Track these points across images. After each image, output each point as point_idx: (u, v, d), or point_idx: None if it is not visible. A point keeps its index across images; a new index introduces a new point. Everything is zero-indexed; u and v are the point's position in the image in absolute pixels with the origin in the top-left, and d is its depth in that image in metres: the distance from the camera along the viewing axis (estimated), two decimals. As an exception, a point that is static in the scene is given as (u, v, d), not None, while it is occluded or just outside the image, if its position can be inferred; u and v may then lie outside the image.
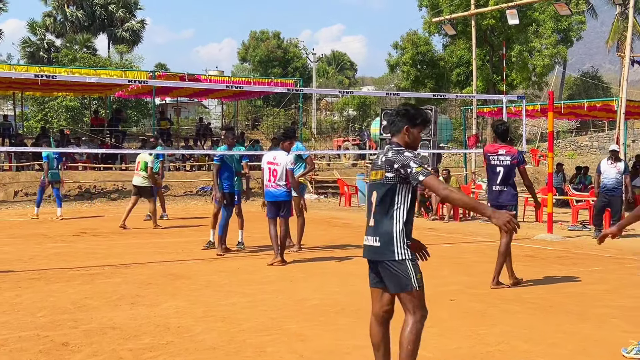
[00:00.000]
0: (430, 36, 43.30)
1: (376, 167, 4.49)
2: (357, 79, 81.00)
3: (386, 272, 4.45)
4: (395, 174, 4.36)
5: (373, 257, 4.48)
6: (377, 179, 4.46)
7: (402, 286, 4.46)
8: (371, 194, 4.50)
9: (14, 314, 6.86)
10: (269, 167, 10.24)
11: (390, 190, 4.40)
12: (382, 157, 4.48)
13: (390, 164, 4.38)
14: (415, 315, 4.58)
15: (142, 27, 56.84)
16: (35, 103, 35.95)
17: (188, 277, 9.01)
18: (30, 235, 13.23)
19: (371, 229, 4.47)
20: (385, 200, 4.40)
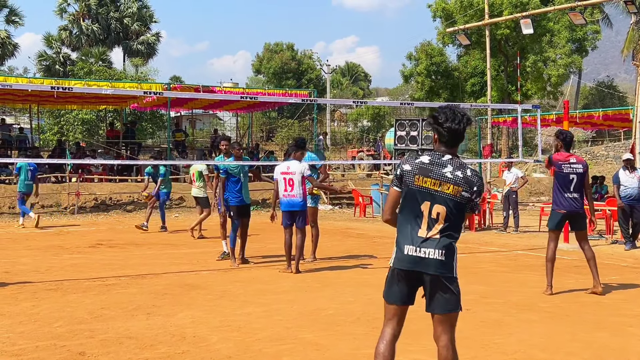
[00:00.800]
0: (444, 47, 43.32)
1: (446, 180, 4.17)
2: (371, 90, 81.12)
3: (438, 288, 4.18)
4: (472, 196, 4.22)
5: (431, 270, 4.14)
6: (448, 192, 4.17)
7: (453, 305, 4.23)
8: (423, 202, 4.19)
9: (31, 324, 6.90)
10: (283, 178, 10.26)
11: (461, 208, 4.22)
12: (454, 171, 4.19)
13: (470, 185, 4.19)
14: (452, 334, 4.29)
15: (157, 40, 57.32)
16: (51, 116, 36.26)
17: (203, 287, 9.04)
18: (46, 246, 13.32)
19: (430, 241, 4.15)
20: (454, 216, 4.19)
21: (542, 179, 29.48)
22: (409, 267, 4.19)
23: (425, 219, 4.18)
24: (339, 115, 58.47)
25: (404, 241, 4.22)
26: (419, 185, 4.20)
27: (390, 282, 4.31)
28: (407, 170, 4.25)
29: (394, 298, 4.30)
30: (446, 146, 4.28)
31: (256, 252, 12.32)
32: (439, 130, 4.27)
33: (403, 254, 4.20)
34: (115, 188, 21.67)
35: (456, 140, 4.28)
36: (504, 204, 17.06)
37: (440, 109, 4.33)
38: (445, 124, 4.23)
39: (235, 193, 10.97)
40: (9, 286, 8.97)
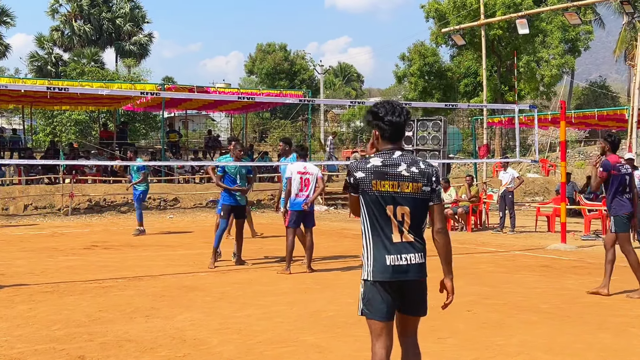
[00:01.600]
0: (437, 47, 43.33)
1: (404, 179, 3.98)
2: (364, 91, 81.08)
3: (418, 292, 4.06)
4: (431, 187, 4.04)
5: (414, 276, 3.97)
6: (409, 191, 3.98)
7: (425, 308, 4.14)
8: (386, 206, 3.97)
9: (29, 327, 6.83)
10: (300, 177, 10.22)
11: (424, 204, 4.03)
12: (409, 167, 4.01)
13: (428, 177, 4.02)
14: (416, 334, 4.17)
15: (150, 41, 57.20)
16: (44, 117, 36.05)
17: (202, 289, 8.97)
18: (41, 248, 13.22)
19: (408, 246, 3.97)
20: (420, 214, 4.02)
21: (537, 179, 29.51)
22: (394, 277, 3.94)
23: (393, 222, 3.97)
24: (332, 115, 58.44)
25: (382, 251, 3.96)
26: (377, 190, 3.98)
27: (373, 297, 3.98)
28: (362, 178, 4.01)
29: (381, 314, 3.99)
30: (390, 141, 4.08)
31: (254, 253, 12.27)
32: (380, 125, 4.06)
33: (385, 265, 3.93)
34: (109, 189, 21.56)
35: (399, 135, 4.08)
36: (500, 204, 17.05)
37: (379, 104, 4.13)
38: (386, 118, 4.04)
39: (232, 193, 10.90)
40: (4, 289, 8.88)
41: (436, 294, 4.25)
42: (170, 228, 17.34)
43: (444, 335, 6.52)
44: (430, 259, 4.09)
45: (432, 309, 7.61)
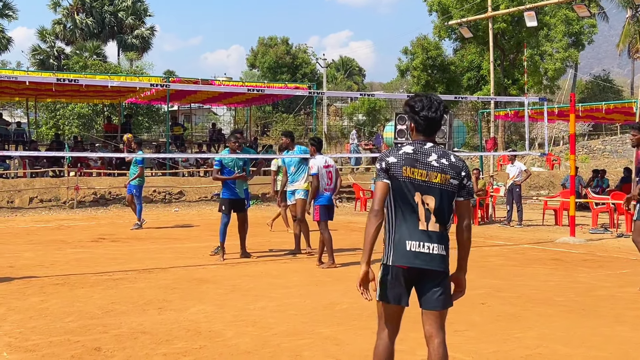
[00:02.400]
0: (440, 41, 43.22)
1: (433, 169, 3.99)
2: (365, 85, 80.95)
3: (438, 285, 4.03)
4: (460, 182, 4.06)
5: (436, 266, 3.98)
6: (436, 182, 4.00)
7: (448, 301, 4.11)
8: (414, 194, 3.96)
9: (42, 319, 6.79)
10: (327, 171, 10.24)
11: (451, 197, 4.05)
12: (439, 159, 4.03)
13: (457, 171, 4.05)
14: (444, 331, 4.14)
15: (152, 34, 57.04)
16: (47, 110, 35.98)
17: (213, 281, 8.93)
18: (48, 241, 13.17)
19: (432, 235, 3.98)
20: (445, 207, 4.03)
21: (541, 172, 29.44)
22: (414, 263, 3.95)
23: (421, 210, 3.97)
24: (334, 109, 58.34)
25: (405, 237, 3.97)
26: (407, 177, 3.99)
27: (391, 282, 4.00)
28: (393, 163, 4.02)
29: (397, 299, 4.01)
30: (424, 135, 4.11)
31: (260, 246, 12.23)
32: (416, 119, 4.11)
33: (405, 250, 3.95)
34: (114, 182, 21.51)
35: (433, 129, 4.11)
36: (507, 197, 16.99)
37: (417, 97, 4.17)
38: (421, 113, 4.08)
39: (230, 186, 10.83)
40: (14, 281, 8.84)
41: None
42: (176, 221, 17.29)
43: (460, 327, 6.47)
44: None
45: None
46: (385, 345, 4.11)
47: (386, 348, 4.11)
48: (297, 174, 11.52)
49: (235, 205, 10.94)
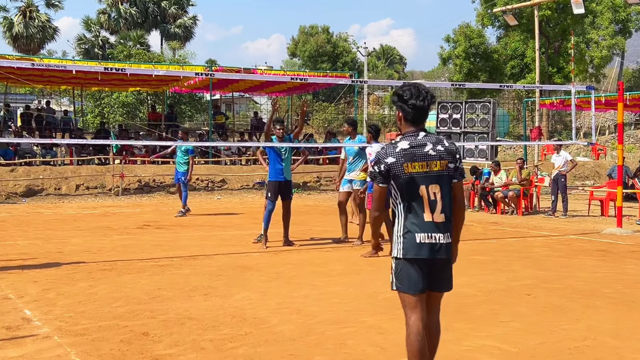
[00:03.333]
0: (483, 28, 42.70)
1: (432, 158, 4.14)
2: (406, 73, 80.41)
3: (445, 270, 4.27)
4: (455, 164, 4.23)
5: (444, 255, 4.17)
6: (437, 169, 4.15)
7: (450, 285, 4.36)
8: (419, 187, 4.13)
9: (91, 304, 6.93)
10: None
11: (449, 182, 4.21)
12: (435, 146, 4.17)
13: (452, 154, 4.22)
14: (439, 311, 4.43)
15: (194, 23, 57.39)
16: (92, 99, 36.57)
17: (256, 269, 9.00)
18: (95, 227, 13.42)
19: (442, 225, 4.15)
20: (447, 190, 4.20)
21: (587, 162, 28.93)
22: (426, 255, 4.14)
23: (426, 202, 4.14)
24: (375, 98, 58.10)
25: (413, 230, 4.14)
26: (410, 172, 4.14)
27: (406, 272, 4.18)
28: (393, 163, 4.16)
29: (416, 288, 4.19)
30: (413, 124, 4.24)
31: (303, 234, 12.25)
32: (404, 108, 4.23)
33: (415, 243, 4.13)
34: (158, 170, 21.79)
35: (422, 118, 4.24)
36: (552, 187, 16.76)
37: (405, 87, 4.26)
38: (410, 101, 4.19)
39: (277, 169, 10.86)
40: (63, 266, 9.03)
41: (493, 277, 4.21)
42: (219, 209, 17.45)
43: (505, 319, 6.43)
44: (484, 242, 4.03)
45: (492, 292, 7.57)
46: (416, 332, 4.19)
47: (418, 334, 4.19)
48: (354, 164, 11.47)
49: (282, 190, 10.95)
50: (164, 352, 5.36)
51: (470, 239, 12.26)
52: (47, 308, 6.70)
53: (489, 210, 17.35)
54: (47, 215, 15.76)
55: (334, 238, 11.65)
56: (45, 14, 50.41)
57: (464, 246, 11.04)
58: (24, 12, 48.93)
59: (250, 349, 5.45)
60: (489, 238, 12.50)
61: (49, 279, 8.16)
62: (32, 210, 16.86)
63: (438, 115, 24.30)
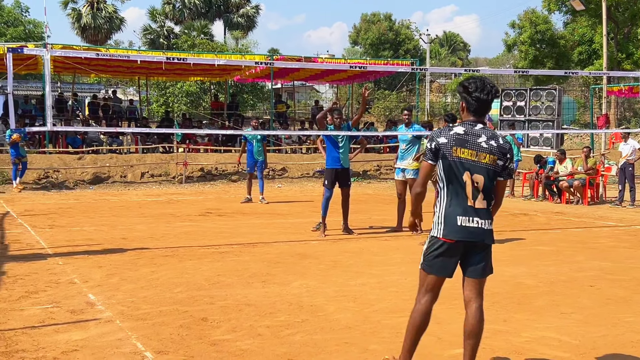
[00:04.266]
0: (549, 14, 41.63)
1: (482, 149, 4.30)
2: (470, 60, 79.19)
3: (483, 257, 4.36)
4: (505, 163, 4.36)
5: (485, 240, 4.32)
6: (485, 162, 4.30)
7: (489, 270, 4.44)
8: (464, 173, 4.29)
9: (152, 289, 7.09)
10: None
11: (494, 176, 4.34)
12: (488, 140, 4.32)
13: (504, 153, 4.35)
14: (482, 298, 4.45)
15: (257, 13, 57.76)
16: (157, 88, 37.27)
17: (314, 257, 9.05)
18: (159, 214, 13.71)
19: (480, 211, 4.30)
20: (491, 185, 4.33)
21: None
22: (464, 237, 4.27)
23: (469, 188, 4.28)
24: (437, 86, 57.46)
25: (455, 212, 4.29)
26: (457, 157, 4.29)
27: (439, 254, 4.33)
28: (444, 143, 4.33)
29: (443, 270, 4.37)
30: (474, 115, 4.40)
31: (362, 223, 12.25)
32: (468, 99, 4.38)
33: (456, 225, 4.27)
34: (221, 158, 22.10)
35: (484, 110, 4.40)
36: (619, 176, 16.29)
37: (471, 79, 4.42)
38: (474, 94, 4.35)
39: (334, 156, 10.89)
40: (128, 252, 9.27)
41: (556, 268, 4.13)
42: (279, 197, 17.58)
43: (567, 310, 6.30)
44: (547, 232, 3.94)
45: (554, 283, 7.42)
46: (423, 310, 4.42)
47: (423, 313, 4.42)
48: (407, 152, 11.40)
49: (340, 177, 10.97)
50: (221, 338, 5.45)
51: (533, 229, 12.06)
52: (110, 293, 6.89)
53: (553, 200, 16.99)
54: (113, 202, 16.18)
55: (392, 227, 11.61)
56: (112, 5, 51.54)
57: (527, 236, 10.92)
58: (92, 4, 50.08)
59: (307, 336, 5.49)
60: (553, 228, 12.24)
61: (113, 264, 8.39)
62: (98, 197, 17.33)
63: (502, 103, 23.89)
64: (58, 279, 7.50)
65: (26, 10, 44.40)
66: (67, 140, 22.00)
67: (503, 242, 10.41)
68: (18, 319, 5.88)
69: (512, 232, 11.54)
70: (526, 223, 12.92)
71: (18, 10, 44.60)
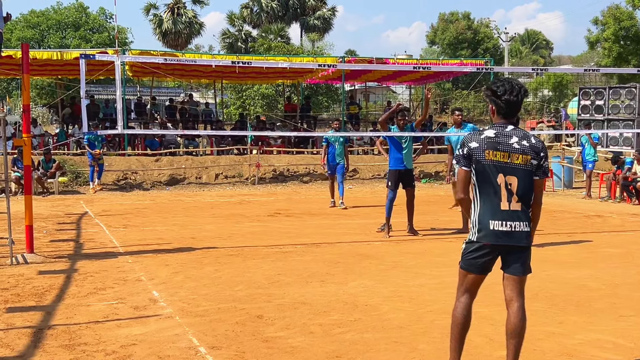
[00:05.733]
0: (634, 10, 40.21)
1: (515, 150, 4.31)
2: (553, 58, 77.35)
3: (519, 256, 4.37)
4: (540, 162, 4.36)
5: (522, 243, 4.33)
6: (518, 162, 4.31)
7: (528, 268, 4.44)
8: (497, 175, 4.31)
9: (214, 287, 7.30)
10: None
11: (530, 176, 4.35)
12: (520, 141, 4.34)
13: (537, 152, 4.35)
14: (523, 297, 4.45)
15: (333, 15, 58.05)
16: (234, 91, 37.97)
17: (376, 257, 9.10)
18: (229, 215, 14.02)
19: (518, 213, 4.31)
20: (528, 186, 4.34)
21: None
22: (498, 241, 4.32)
23: (503, 190, 4.30)
24: (517, 85, 56.27)
25: (488, 216, 4.33)
26: (490, 160, 4.33)
27: (476, 256, 4.39)
28: (475, 148, 4.37)
29: (481, 270, 4.43)
30: (505, 118, 4.43)
31: (427, 224, 12.21)
32: (497, 102, 4.41)
33: (489, 229, 4.31)
34: (293, 160, 22.36)
35: (514, 112, 4.43)
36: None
37: (499, 82, 4.43)
38: (503, 97, 4.37)
39: (397, 158, 10.92)
40: (195, 251, 9.55)
41: (622, 271, 4.05)
42: (349, 198, 17.63)
43: (626, 313, 6.16)
44: (620, 235, 3.87)
45: (618, 286, 7.25)
46: (463, 308, 4.49)
47: (463, 311, 4.49)
48: None
49: (403, 178, 10.99)
50: (274, 335, 5.58)
51: (606, 231, 11.75)
52: (173, 290, 7.14)
53: (631, 201, 16.44)
54: (187, 202, 16.64)
55: (458, 228, 11.51)
56: (192, 10, 52.88)
57: (598, 238, 10.64)
58: (172, 9, 51.54)
59: (357, 335, 5.56)
60: (626, 230, 11.88)
61: (179, 262, 8.67)
62: (174, 197, 17.85)
63: (580, 102, 23.29)
64: (126, 277, 7.81)
65: (110, 16, 45.94)
66: (145, 142, 22.74)
67: (571, 244, 10.20)
68: (84, 314, 6.18)
69: (582, 234, 11.27)
70: (599, 225, 12.57)
71: (103, 17, 46.26)
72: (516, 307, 4.39)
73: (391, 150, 11.05)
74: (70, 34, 43.38)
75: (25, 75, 9.00)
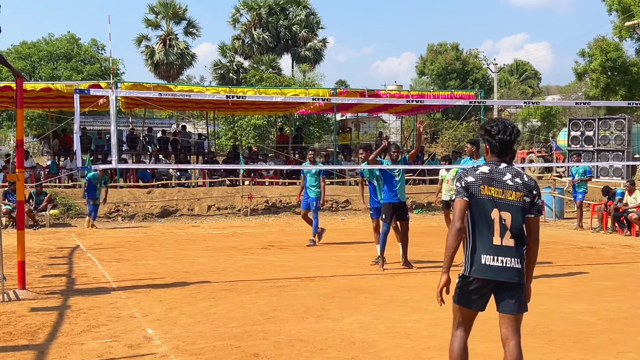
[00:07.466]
0: (621, 41, 40.74)
1: (508, 187, 4.42)
2: (541, 88, 77.95)
3: (515, 294, 4.41)
4: (532, 199, 4.45)
5: (514, 279, 4.37)
6: (512, 199, 4.41)
7: (523, 307, 4.47)
8: (492, 210, 4.40)
9: (209, 323, 7.24)
10: None
11: (523, 214, 4.42)
12: (513, 178, 4.45)
13: (530, 190, 4.46)
14: (520, 334, 4.48)
15: (324, 46, 58.44)
16: (226, 122, 38.05)
17: (371, 291, 9.06)
18: (222, 247, 13.97)
19: (510, 250, 4.37)
20: (520, 222, 4.41)
21: None
22: (489, 276, 4.37)
23: (497, 225, 4.38)
24: (507, 115, 56.71)
25: (480, 251, 4.40)
26: (485, 195, 4.43)
27: (469, 291, 4.47)
28: (472, 182, 4.47)
29: (474, 304, 4.49)
30: (498, 156, 4.55)
31: (422, 256, 12.19)
32: (491, 142, 4.55)
33: (481, 264, 4.38)
34: (285, 191, 22.36)
35: (507, 151, 4.55)
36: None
37: (492, 122, 4.57)
38: (497, 136, 4.51)
39: (391, 190, 10.96)
40: (189, 286, 9.49)
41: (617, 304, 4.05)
42: (342, 229, 17.65)
43: (624, 349, 6.14)
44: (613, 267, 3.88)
45: (614, 320, 7.23)
46: (459, 342, 4.54)
47: (460, 344, 4.54)
48: None
49: (398, 211, 11.01)
50: (271, 374, 5.52)
51: (599, 263, 11.76)
52: (167, 327, 7.08)
53: (622, 232, 16.50)
54: (180, 235, 16.57)
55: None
56: (183, 41, 53.07)
57: (592, 270, 10.65)
58: (164, 40, 51.74)
59: (355, 374, 5.52)
60: (619, 262, 11.90)
61: (173, 298, 8.61)
62: (166, 230, 17.77)
63: (569, 133, 23.48)
64: (119, 313, 7.74)
65: (102, 48, 46.13)
66: (137, 174, 22.70)
67: (565, 277, 10.20)
68: (78, 353, 6.11)
69: (576, 266, 11.28)
70: (592, 257, 12.59)
71: (94, 49, 46.44)
72: (512, 346, 4.42)
73: (385, 182, 11.08)
74: (62, 65, 43.49)
75: (19, 110, 8.99)
